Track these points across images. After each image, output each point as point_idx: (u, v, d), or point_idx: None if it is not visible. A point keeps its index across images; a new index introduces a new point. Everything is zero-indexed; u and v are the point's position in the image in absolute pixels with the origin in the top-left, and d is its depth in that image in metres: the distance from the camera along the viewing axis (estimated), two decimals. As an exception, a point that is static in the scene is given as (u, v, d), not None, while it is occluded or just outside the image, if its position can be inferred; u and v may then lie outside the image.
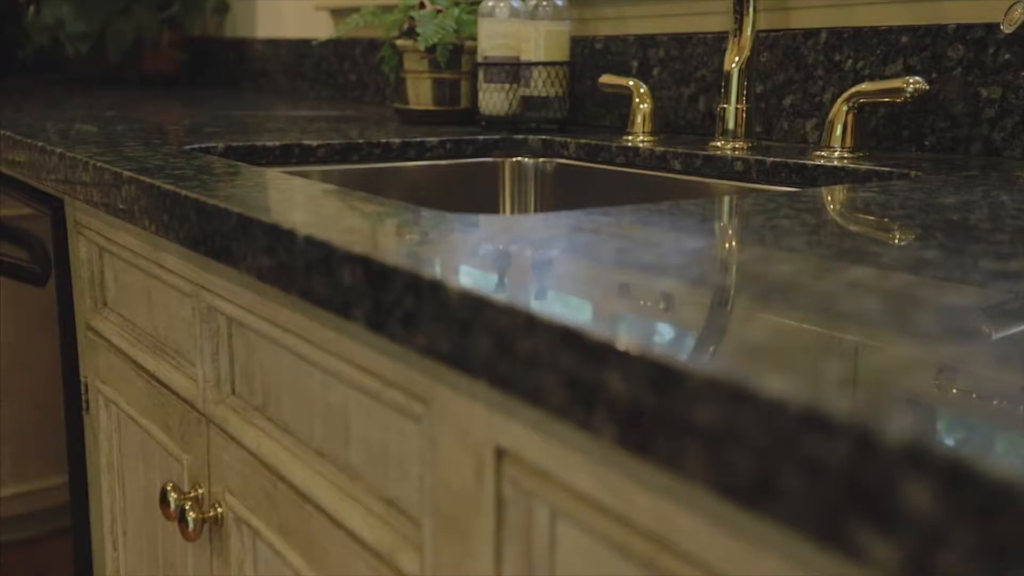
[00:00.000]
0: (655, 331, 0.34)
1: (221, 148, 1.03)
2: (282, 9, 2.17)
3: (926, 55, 0.90)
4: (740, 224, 0.56)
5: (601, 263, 0.46)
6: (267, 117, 1.47)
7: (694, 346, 0.32)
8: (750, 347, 0.32)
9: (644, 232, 0.53)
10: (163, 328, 0.89)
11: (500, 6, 1.28)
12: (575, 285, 0.42)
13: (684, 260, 0.46)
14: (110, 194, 0.81)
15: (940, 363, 0.30)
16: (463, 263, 0.46)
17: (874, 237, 0.51)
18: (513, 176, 1.21)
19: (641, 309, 0.37)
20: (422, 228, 0.56)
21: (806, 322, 0.35)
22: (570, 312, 0.37)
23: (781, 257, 0.46)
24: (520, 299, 0.39)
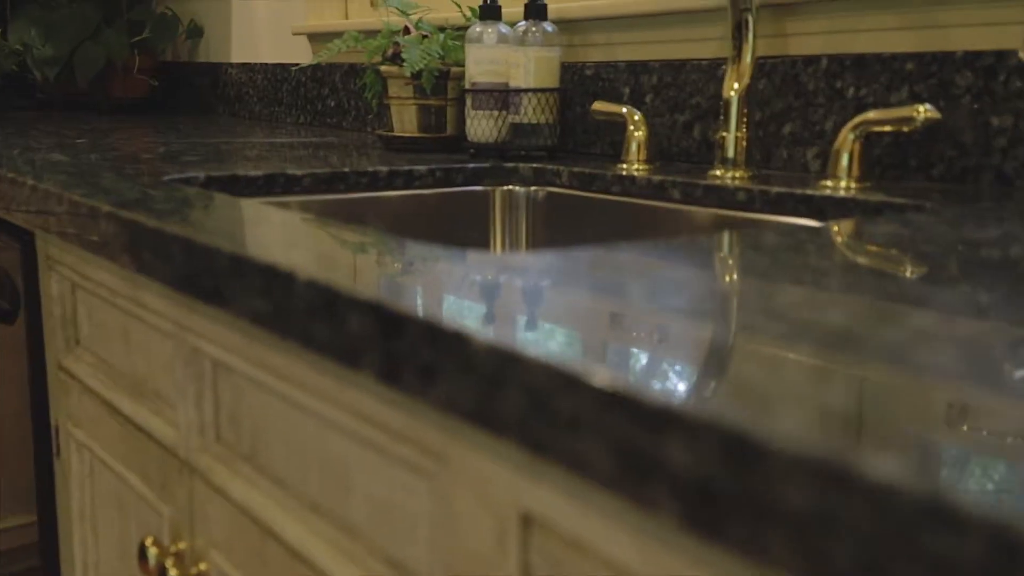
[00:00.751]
0: (718, 392, 0.30)
1: (202, 178, 0.99)
2: (258, 34, 2.13)
3: (933, 82, 0.88)
4: (771, 263, 0.52)
5: (639, 310, 0.42)
6: (245, 144, 1.43)
7: (769, 412, 0.28)
8: (834, 414, 0.28)
9: (673, 272, 0.49)
10: (142, 369, 0.84)
11: (488, 32, 1.25)
12: (619, 336, 0.38)
13: (725, 306, 0.42)
14: (86, 229, 0.76)
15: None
16: (488, 311, 0.42)
17: (917, 277, 0.48)
18: (504, 205, 1.18)
19: (696, 365, 0.33)
20: (436, 270, 0.52)
21: (888, 380, 0.32)
22: (619, 371, 0.33)
23: (827, 301, 0.43)
24: (558, 354, 0.35)
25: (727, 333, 0.38)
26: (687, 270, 0.50)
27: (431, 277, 0.51)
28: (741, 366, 0.33)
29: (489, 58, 1.25)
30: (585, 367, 0.33)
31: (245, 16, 2.17)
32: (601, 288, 0.46)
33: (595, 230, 1.09)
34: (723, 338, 0.37)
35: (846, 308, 0.41)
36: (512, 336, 0.38)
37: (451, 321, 0.40)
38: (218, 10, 2.27)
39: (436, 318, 0.40)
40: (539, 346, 0.36)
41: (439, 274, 0.51)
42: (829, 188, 0.87)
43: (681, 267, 0.51)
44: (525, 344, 0.36)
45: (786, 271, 0.50)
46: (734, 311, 0.41)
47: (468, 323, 0.39)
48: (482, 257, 0.54)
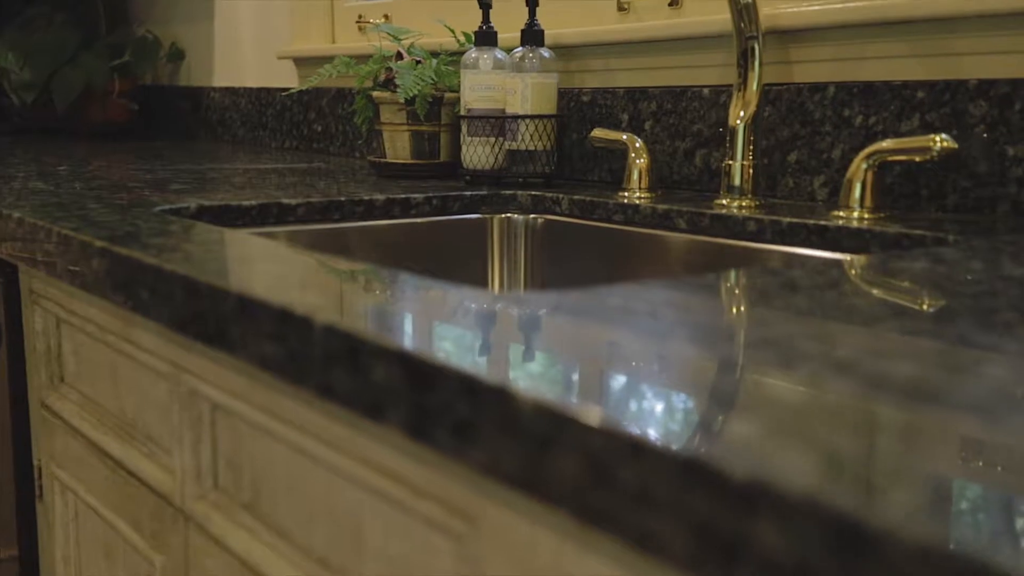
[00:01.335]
0: (811, 463, 0.28)
1: (193, 208, 0.95)
2: (241, 57, 2.10)
3: (945, 111, 0.86)
4: (813, 304, 0.50)
5: (701, 363, 0.39)
6: (232, 170, 1.39)
7: (874, 489, 0.26)
8: (945, 493, 0.26)
9: (718, 316, 0.47)
10: (132, 410, 0.80)
11: (484, 58, 1.23)
12: (688, 390, 0.35)
13: (789, 358, 0.40)
14: (76, 265, 0.72)
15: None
16: (535, 363, 0.39)
17: (971, 321, 0.46)
18: (502, 233, 1.15)
19: (779, 430, 0.31)
20: (471, 314, 0.49)
21: (989, 440, 0.29)
22: (692, 440, 0.30)
23: (889, 350, 0.40)
24: (617, 416, 0.32)
25: (804, 391, 0.35)
26: (730, 313, 0.47)
27: (467, 322, 0.48)
28: (830, 431, 0.31)
29: (485, 84, 1.22)
30: (658, 434, 0.30)
31: (228, 40, 2.14)
32: (651, 335, 0.44)
33: (598, 259, 1.07)
34: (801, 397, 0.34)
35: (912, 356, 0.39)
36: (567, 394, 0.35)
37: (493, 375, 0.37)
38: (200, 33, 2.23)
39: (476, 371, 0.38)
40: (599, 406, 0.33)
41: (475, 319, 0.48)
42: (842, 218, 0.85)
43: (722, 309, 0.48)
44: (582, 405, 0.33)
45: (834, 313, 0.48)
46: (801, 365, 0.38)
47: (513, 377, 0.37)
48: (518, 299, 0.51)
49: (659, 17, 1.19)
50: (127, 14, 2.45)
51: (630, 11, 1.23)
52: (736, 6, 0.94)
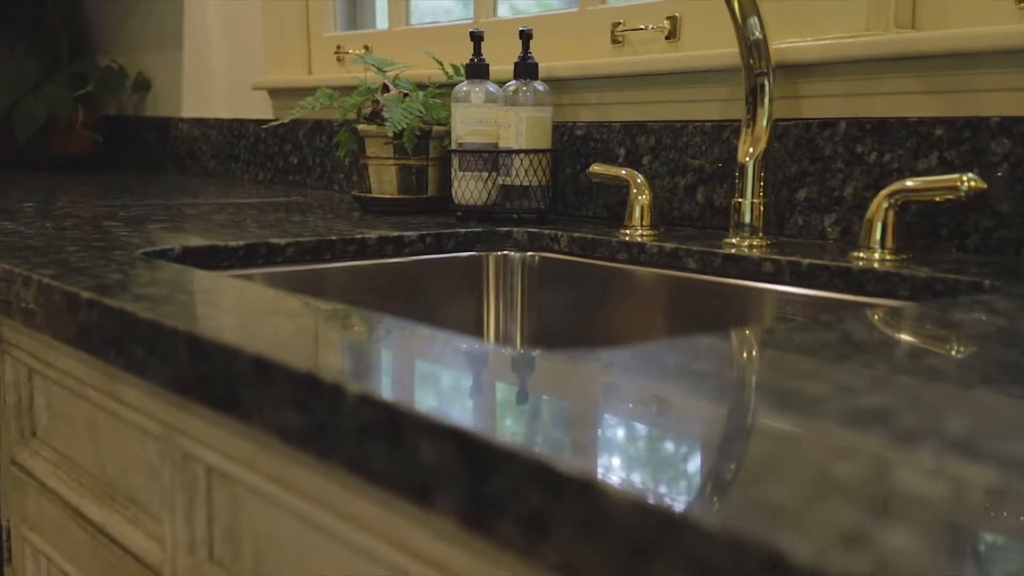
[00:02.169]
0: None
1: (178, 250, 0.90)
2: (212, 88, 2.05)
3: (965, 149, 0.84)
4: (888, 364, 0.46)
5: (806, 443, 0.35)
6: (209, 206, 1.34)
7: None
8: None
9: (794, 382, 0.43)
10: (113, 470, 0.74)
11: (476, 91, 1.19)
12: (817, 486, 0.31)
13: (892, 434, 0.36)
14: (60, 318, 0.67)
15: None
16: (627, 447, 0.35)
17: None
18: (498, 271, 1.11)
19: (931, 539, 0.27)
20: (533, 379, 0.45)
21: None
22: (843, 555, 0.26)
23: (1004, 425, 0.37)
24: (740, 523, 0.28)
25: (944, 487, 0.31)
26: (812, 379, 0.43)
27: (531, 389, 0.43)
28: (994, 540, 0.27)
29: (477, 118, 1.19)
30: (800, 548, 0.26)
31: (198, 69, 2.09)
32: (739, 407, 0.39)
33: (600, 300, 1.03)
34: (941, 492, 0.30)
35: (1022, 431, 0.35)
36: (671, 490, 0.30)
37: (577, 464, 0.32)
38: (168, 63, 2.17)
39: (554, 459, 0.33)
40: (714, 505, 0.29)
41: (542, 386, 0.44)
42: (863, 259, 0.82)
43: (799, 373, 0.44)
44: (692, 503, 0.29)
45: (919, 377, 0.44)
46: (919, 445, 0.34)
47: (603, 468, 0.32)
48: (588, 361, 0.46)
49: (655, 50, 1.17)
50: (91, 43, 2.38)
51: (624, 44, 1.21)
52: (745, 42, 0.91)
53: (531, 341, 1.11)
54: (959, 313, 0.58)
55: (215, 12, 2.00)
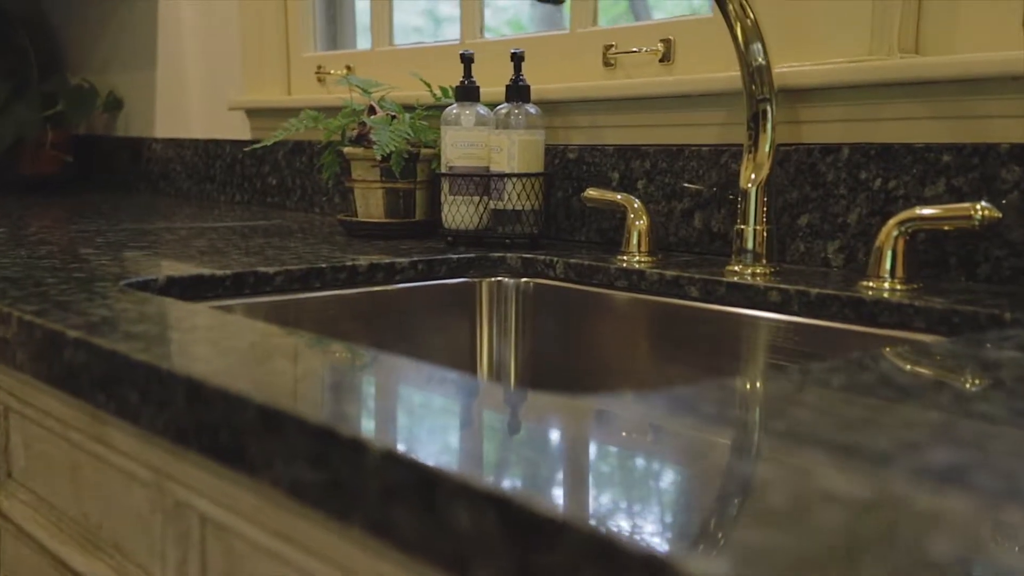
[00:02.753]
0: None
1: (162, 281, 0.86)
2: (187, 107, 2.00)
3: (974, 176, 0.83)
4: (945, 412, 0.44)
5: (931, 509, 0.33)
6: (188, 230, 1.30)
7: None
8: None
9: (864, 435, 0.40)
10: (97, 515, 0.70)
11: (466, 114, 1.17)
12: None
13: (990, 501, 0.33)
14: (43, 358, 0.63)
15: None
16: (686, 525, 0.32)
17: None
18: (491, 298, 1.08)
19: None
20: (579, 435, 0.42)
21: None
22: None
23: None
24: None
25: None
26: (880, 431, 0.41)
27: (575, 443, 0.40)
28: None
29: (467, 141, 1.16)
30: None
31: (172, 89, 2.04)
32: (830, 466, 0.37)
33: (598, 328, 1.00)
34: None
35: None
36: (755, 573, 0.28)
37: (644, 541, 0.30)
38: (140, 82, 2.13)
39: (615, 534, 0.30)
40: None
41: (596, 448, 0.41)
42: (872, 289, 0.80)
43: (859, 423, 0.42)
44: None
45: (985, 429, 0.42)
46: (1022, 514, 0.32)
47: (667, 543, 0.29)
48: (629, 409, 0.43)
49: (648, 73, 1.15)
50: (61, 62, 2.33)
51: (616, 67, 1.19)
52: (747, 68, 0.89)
53: (526, 370, 1.08)
54: (992, 350, 0.56)
55: (190, 31, 1.96)
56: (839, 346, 0.79)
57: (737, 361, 0.88)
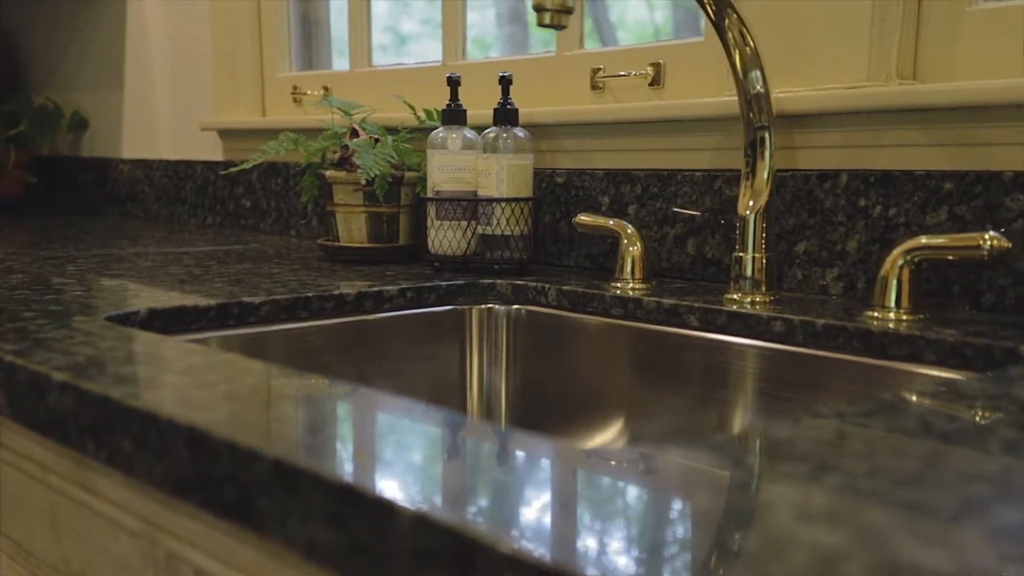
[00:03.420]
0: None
1: (143, 313, 0.82)
2: (156, 128, 1.96)
3: (977, 204, 0.82)
4: (998, 463, 0.42)
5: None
6: (163, 255, 1.26)
7: None
8: None
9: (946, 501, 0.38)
10: (78, 564, 0.66)
11: (452, 137, 1.14)
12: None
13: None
14: (25, 401, 0.59)
15: None
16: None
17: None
18: (481, 326, 1.05)
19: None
20: (633, 497, 0.39)
21: None
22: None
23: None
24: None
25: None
26: (947, 488, 0.39)
27: (640, 503, 0.38)
28: None
29: (454, 165, 1.13)
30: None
31: (140, 109, 1.99)
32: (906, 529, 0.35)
33: (594, 358, 0.98)
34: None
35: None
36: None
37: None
38: (107, 102, 2.08)
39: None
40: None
41: (649, 509, 0.38)
42: (878, 319, 0.79)
43: (913, 469, 0.40)
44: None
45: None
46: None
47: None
48: (677, 461, 0.41)
49: (638, 97, 1.14)
50: (25, 81, 2.27)
51: (605, 90, 1.17)
52: (745, 96, 0.88)
53: (517, 400, 1.05)
54: (1022, 388, 0.54)
55: (159, 50, 1.92)
56: (846, 378, 0.78)
57: (739, 392, 0.86)
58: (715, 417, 0.88)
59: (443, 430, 0.48)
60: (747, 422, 0.85)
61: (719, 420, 0.88)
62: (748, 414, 0.85)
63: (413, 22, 2.12)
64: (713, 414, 0.88)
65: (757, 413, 0.85)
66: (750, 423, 0.84)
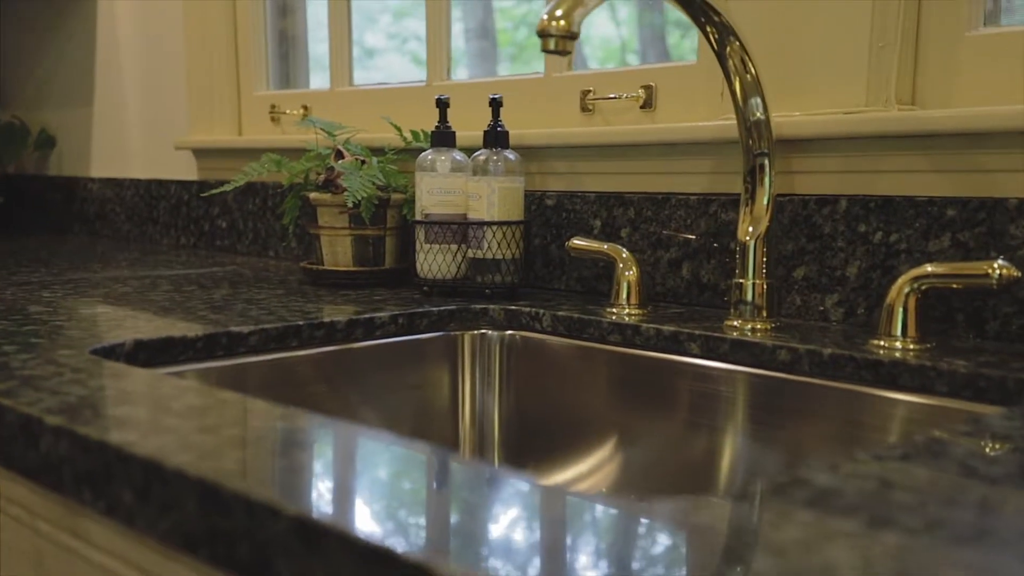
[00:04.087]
0: None
1: (130, 345, 0.79)
2: (127, 146, 1.91)
3: (981, 231, 0.81)
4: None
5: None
6: (140, 280, 1.22)
7: None
8: None
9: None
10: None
11: (441, 160, 1.12)
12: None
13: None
14: (14, 446, 0.56)
15: None
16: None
17: None
18: (474, 352, 1.03)
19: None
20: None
21: None
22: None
23: None
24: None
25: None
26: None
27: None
28: None
29: (444, 187, 1.11)
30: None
31: (110, 127, 1.95)
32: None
33: (591, 385, 0.96)
34: None
35: None
36: None
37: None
38: (76, 120, 2.03)
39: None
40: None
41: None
42: (884, 348, 0.78)
43: (970, 523, 0.38)
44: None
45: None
46: None
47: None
48: (719, 515, 0.39)
49: (629, 120, 1.12)
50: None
51: (595, 112, 1.16)
52: (745, 123, 0.87)
53: (510, 428, 1.03)
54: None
55: (131, 67, 1.88)
56: (851, 407, 0.77)
57: (742, 422, 0.84)
58: (717, 446, 0.87)
59: (483, 485, 0.46)
60: (758, 456, 0.84)
61: (722, 449, 0.86)
62: (758, 446, 0.84)
63: (379, 36, 2.10)
64: (713, 443, 0.87)
65: (761, 444, 0.83)
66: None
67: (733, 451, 0.86)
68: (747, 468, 0.84)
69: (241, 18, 1.64)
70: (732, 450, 0.86)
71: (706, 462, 0.87)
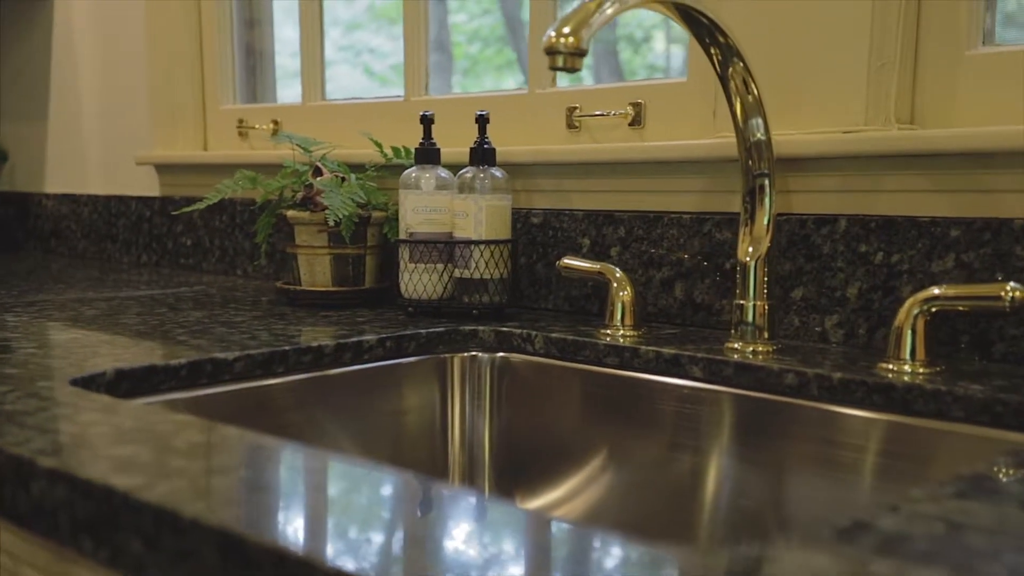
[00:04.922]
0: None
1: (111, 374, 0.75)
2: (83, 161, 1.85)
3: (986, 252, 0.81)
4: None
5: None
6: (106, 301, 1.16)
7: None
8: None
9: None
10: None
11: (426, 177, 1.09)
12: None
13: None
14: (1, 490, 0.51)
15: None
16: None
17: None
18: (464, 375, 1.00)
19: None
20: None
21: None
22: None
23: None
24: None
25: None
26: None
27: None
28: None
29: (429, 206, 1.08)
30: None
31: (66, 142, 1.88)
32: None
33: (587, 410, 0.94)
34: None
35: None
36: None
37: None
38: (29, 134, 1.96)
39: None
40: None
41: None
42: (893, 372, 0.77)
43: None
44: None
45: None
46: None
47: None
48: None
49: (616, 137, 1.11)
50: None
51: (581, 129, 1.14)
52: (745, 144, 0.86)
53: (501, 452, 1.00)
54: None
55: (88, 81, 1.82)
56: (862, 433, 0.75)
57: (736, 446, 0.82)
58: (713, 470, 0.85)
59: (524, 531, 0.43)
60: (762, 482, 0.82)
61: (720, 473, 0.84)
62: (756, 470, 0.82)
63: (329, 49, 2.07)
64: (709, 467, 0.85)
65: (760, 469, 0.81)
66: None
67: (732, 476, 0.84)
68: (750, 495, 0.82)
69: (206, 30, 1.59)
70: (731, 475, 0.84)
71: (703, 486, 0.85)
